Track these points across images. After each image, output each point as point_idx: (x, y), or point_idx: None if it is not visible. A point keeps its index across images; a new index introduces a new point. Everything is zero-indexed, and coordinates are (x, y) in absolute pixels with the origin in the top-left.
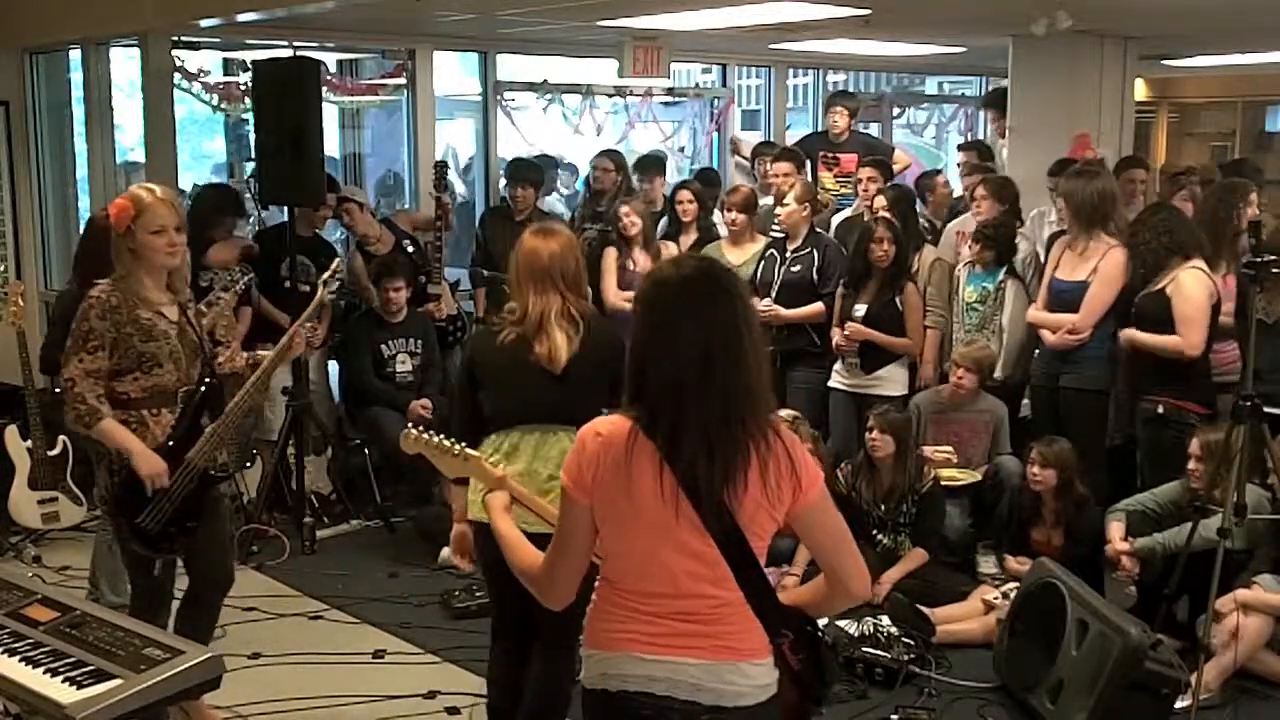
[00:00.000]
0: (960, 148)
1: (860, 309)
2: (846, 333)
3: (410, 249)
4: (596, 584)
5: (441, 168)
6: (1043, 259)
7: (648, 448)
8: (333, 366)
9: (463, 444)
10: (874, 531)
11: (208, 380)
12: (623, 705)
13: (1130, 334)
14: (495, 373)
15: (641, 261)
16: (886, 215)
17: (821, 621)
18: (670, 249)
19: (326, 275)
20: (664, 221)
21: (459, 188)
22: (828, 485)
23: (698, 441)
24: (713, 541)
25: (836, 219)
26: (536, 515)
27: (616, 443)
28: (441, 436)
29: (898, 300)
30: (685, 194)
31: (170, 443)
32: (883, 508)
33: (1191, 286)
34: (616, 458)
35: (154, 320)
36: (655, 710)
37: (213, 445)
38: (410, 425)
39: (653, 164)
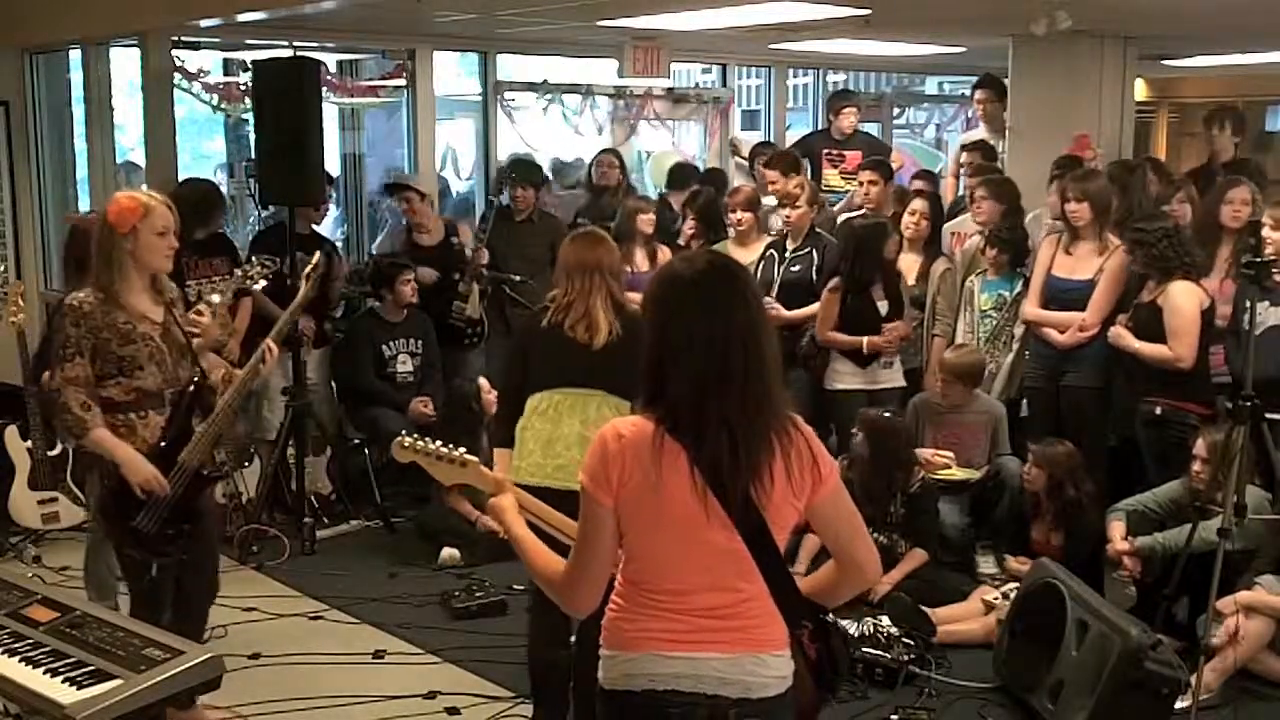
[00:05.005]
0: (964, 147)
1: (883, 306)
2: (898, 330)
3: (456, 246)
4: (616, 585)
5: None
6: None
7: (676, 447)
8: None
9: (461, 450)
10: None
11: (195, 381)
12: (649, 705)
13: (1123, 338)
14: (538, 348)
15: (640, 263)
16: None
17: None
18: (666, 252)
19: (308, 269)
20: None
21: (458, 185)
22: None
23: (723, 439)
24: (739, 536)
25: (842, 218)
26: (544, 523)
27: (642, 443)
28: (439, 443)
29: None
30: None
31: (162, 445)
32: (868, 508)
33: (1182, 299)
34: (643, 458)
35: (132, 324)
36: (683, 707)
37: (204, 446)
38: (402, 433)
39: (691, 174)
